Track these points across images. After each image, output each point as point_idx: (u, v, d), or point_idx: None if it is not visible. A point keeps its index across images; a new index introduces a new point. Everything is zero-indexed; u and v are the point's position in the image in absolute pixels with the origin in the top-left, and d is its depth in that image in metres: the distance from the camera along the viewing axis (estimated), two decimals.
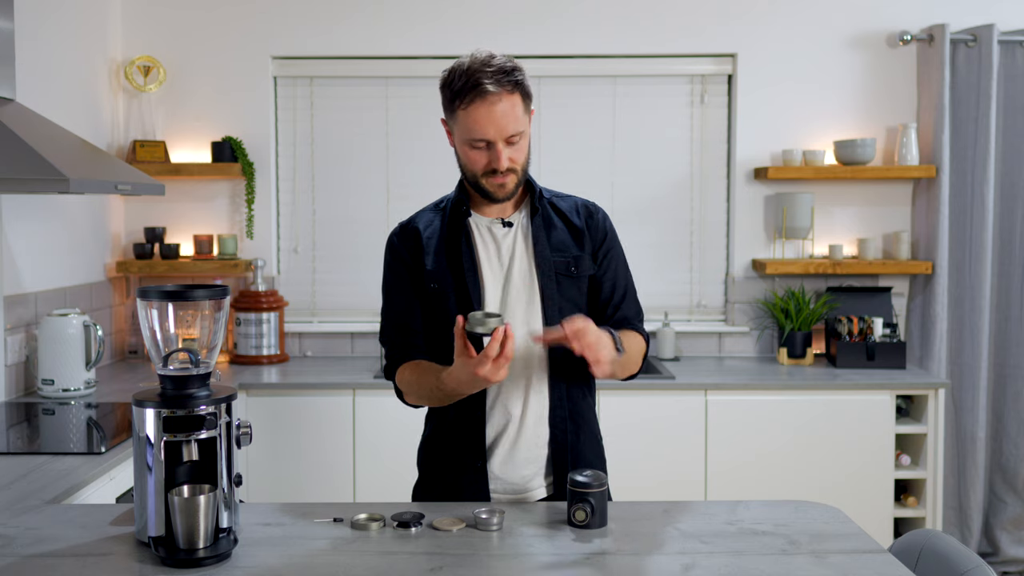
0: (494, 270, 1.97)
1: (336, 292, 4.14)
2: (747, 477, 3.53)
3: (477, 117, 1.84)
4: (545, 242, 1.99)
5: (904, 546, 1.77)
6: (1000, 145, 3.96)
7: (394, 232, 2.07)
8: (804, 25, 4.01)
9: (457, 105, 1.86)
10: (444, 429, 2.02)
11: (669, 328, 3.99)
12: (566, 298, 1.98)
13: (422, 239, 2.01)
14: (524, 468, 1.97)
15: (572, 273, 2.00)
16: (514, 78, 1.85)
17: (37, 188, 2.53)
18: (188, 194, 4.07)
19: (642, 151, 4.10)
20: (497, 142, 1.86)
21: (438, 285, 1.97)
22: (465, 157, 1.92)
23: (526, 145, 1.93)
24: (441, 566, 1.55)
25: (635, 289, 2.12)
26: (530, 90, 1.91)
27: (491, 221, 2.00)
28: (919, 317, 4.04)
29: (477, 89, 1.82)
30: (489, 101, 1.83)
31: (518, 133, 1.87)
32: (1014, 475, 3.95)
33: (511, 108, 1.85)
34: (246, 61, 4.03)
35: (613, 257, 2.07)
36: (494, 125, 1.84)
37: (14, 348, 3.16)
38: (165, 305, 1.63)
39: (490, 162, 1.89)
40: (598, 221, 2.08)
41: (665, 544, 1.66)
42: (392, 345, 2.02)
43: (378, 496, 3.43)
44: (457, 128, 1.90)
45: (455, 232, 1.99)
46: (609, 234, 2.08)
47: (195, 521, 1.55)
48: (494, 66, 1.84)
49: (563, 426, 1.98)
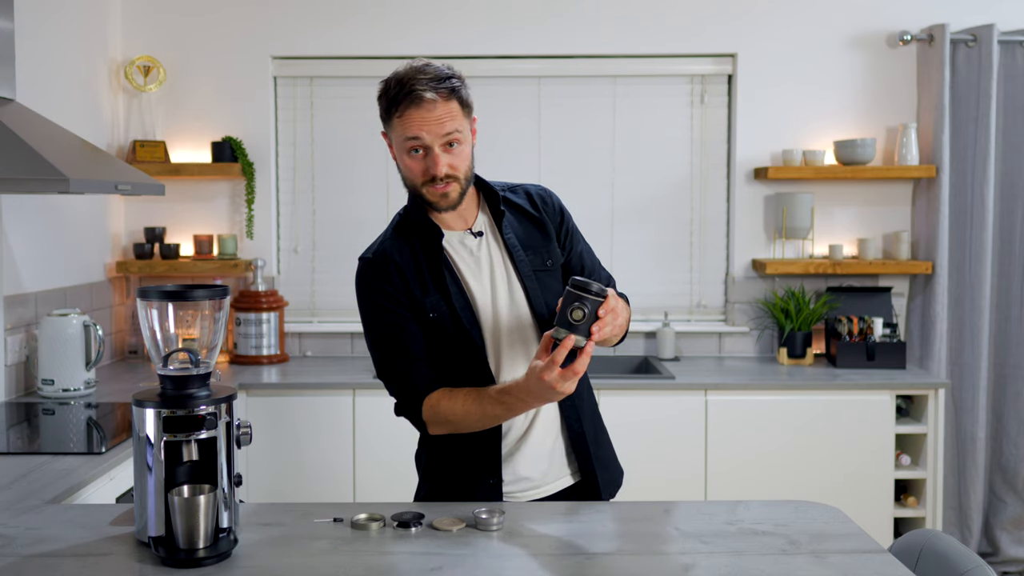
0: (481, 284, 1.94)
1: (336, 292, 4.14)
2: (747, 477, 3.53)
3: (412, 120, 1.81)
4: (517, 243, 1.97)
5: (904, 546, 1.77)
6: (1000, 145, 3.96)
7: (363, 267, 1.97)
8: (804, 25, 4.01)
9: (393, 112, 1.83)
10: (453, 448, 1.98)
11: (669, 328, 3.99)
12: (549, 293, 1.97)
13: (403, 270, 1.92)
14: (541, 463, 1.97)
15: (549, 267, 2.00)
16: (449, 85, 1.82)
17: (37, 188, 2.53)
18: (188, 194, 4.07)
19: (642, 151, 4.10)
20: (433, 146, 1.82)
21: (436, 314, 1.91)
22: (404, 166, 1.88)
23: (467, 152, 1.88)
24: (441, 566, 1.55)
25: (597, 256, 2.15)
26: (469, 100, 1.86)
27: (462, 234, 1.96)
28: (919, 317, 4.04)
29: (411, 95, 1.79)
30: (425, 107, 1.80)
31: (455, 137, 1.83)
32: (1014, 475, 3.95)
33: (446, 111, 1.81)
34: (246, 61, 4.02)
35: (573, 235, 2.08)
36: (427, 127, 1.81)
37: (14, 348, 3.16)
38: (165, 305, 1.63)
39: (427, 168, 1.84)
40: (552, 205, 2.06)
41: (665, 544, 1.66)
42: (400, 379, 1.93)
43: (378, 496, 3.43)
44: (394, 136, 1.86)
45: (433, 256, 1.93)
46: (564, 213, 2.07)
47: (195, 521, 1.55)
48: (429, 73, 1.81)
49: (575, 415, 1.99)
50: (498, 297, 1.95)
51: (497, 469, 1.94)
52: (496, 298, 1.95)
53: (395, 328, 1.92)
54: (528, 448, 1.96)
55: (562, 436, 2.00)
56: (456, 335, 1.91)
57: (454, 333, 1.91)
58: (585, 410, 2.03)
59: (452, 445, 1.97)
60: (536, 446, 1.97)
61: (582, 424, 2.00)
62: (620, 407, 3.47)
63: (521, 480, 1.97)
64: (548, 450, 1.98)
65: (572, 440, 2.00)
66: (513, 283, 1.96)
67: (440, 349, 1.94)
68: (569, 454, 2.01)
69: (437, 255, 1.93)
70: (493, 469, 1.94)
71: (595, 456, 2.02)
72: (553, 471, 2.00)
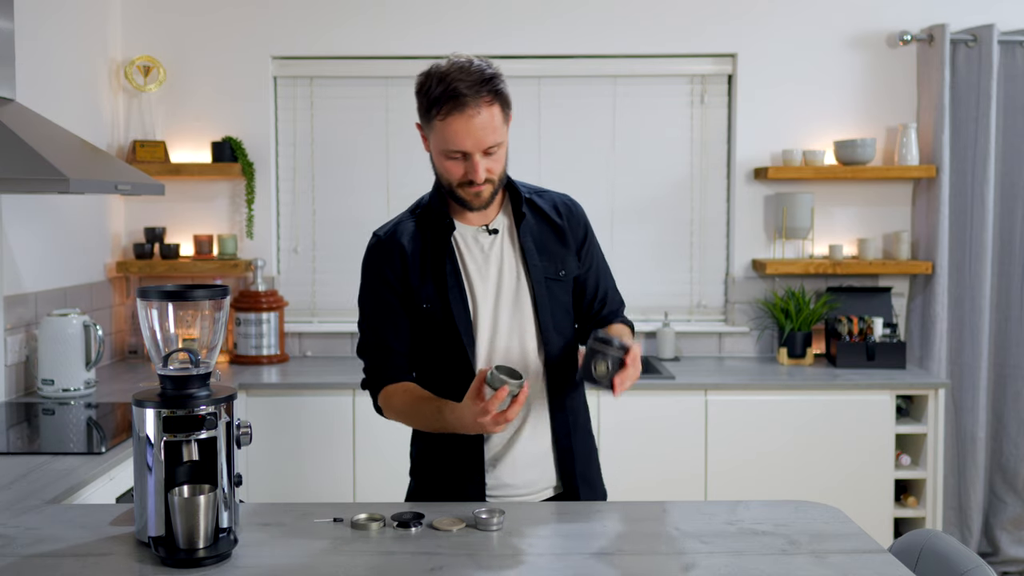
0: (485, 282, 1.94)
1: (336, 292, 4.14)
2: (747, 477, 3.54)
3: (455, 129, 1.79)
4: (533, 248, 1.96)
5: (904, 546, 1.77)
6: (1000, 145, 3.96)
7: (373, 244, 1.99)
8: (804, 25, 4.01)
9: (434, 114, 1.80)
10: (439, 445, 1.99)
11: (669, 328, 3.99)
12: (556, 303, 1.96)
13: (407, 256, 1.93)
14: (526, 473, 1.97)
15: (560, 276, 1.97)
16: (493, 87, 1.80)
17: (37, 188, 2.53)
18: (188, 194, 4.07)
19: (642, 151, 4.10)
20: (474, 154, 1.81)
21: (430, 305, 1.92)
22: (441, 167, 1.87)
23: (503, 155, 1.88)
24: (441, 566, 1.55)
25: (614, 278, 2.12)
26: (509, 97, 1.85)
27: (476, 230, 1.95)
28: (919, 317, 4.04)
29: (455, 100, 1.77)
30: (467, 114, 1.77)
31: (496, 144, 1.82)
32: (1014, 475, 3.95)
33: (489, 120, 1.79)
34: (246, 61, 4.03)
35: (594, 253, 2.06)
36: (471, 138, 1.79)
37: (14, 348, 3.16)
38: (165, 305, 1.63)
39: (466, 173, 1.84)
40: (578, 218, 2.05)
41: (665, 544, 1.66)
42: (372, 363, 1.99)
43: (378, 496, 3.43)
44: (433, 137, 1.84)
45: (440, 247, 1.94)
46: (589, 230, 2.06)
47: (195, 521, 1.54)
48: (473, 74, 1.78)
49: (565, 430, 1.98)
50: (502, 298, 1.94)
51: (480, 471, 1.94)
52: (500, 299, 1.94)
53: (382, 314, 1.96)
54: (513, 457, 1.95)
55: (552, 450, 1.98)
56: (445, 329, 1.91)
57: (443, 327, 1.91)
58: (579, 426, 2.02)
59: (439, 444, 1.98)
60: (522, 454, 1.96)
61: (571, 440, 1.99)
62: (620, 407, 3.47)
63: (504, 486, 1.97)
64: (534, 460, 1.97)
65: (559, 455, 1.98)
66: (522, 286, 1.95)
67: (430, 340, 1.95)
68: (556, 468, 1.99)
69: (444, 247, 1.93)
70: (476, 471, 1.94)
71: (580, 474, 2.01)
72: (538, 482, 1.98)
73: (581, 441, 2.02)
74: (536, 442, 1.97)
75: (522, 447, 1.96)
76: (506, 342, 1.93)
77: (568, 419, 1.99)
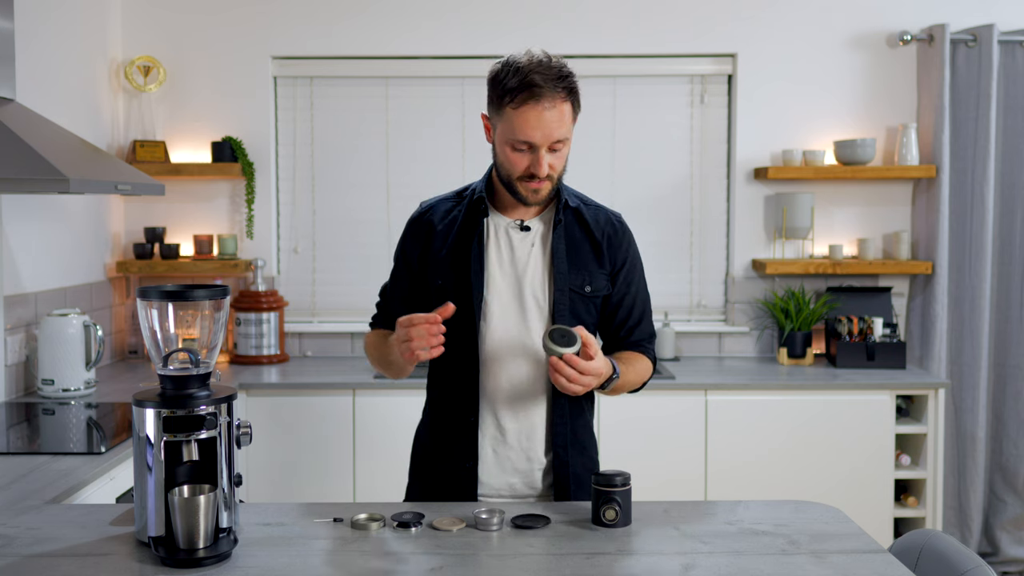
0: (506, 277, 1.93)
1: (336, 292, 4.14)
2: (747, 477, 3.54)
3: (527, 119, 1.79)
4: (563, 255, 1.93)
5: (904, 546, 1.77)
6: (1000, 145, 3.96)
7: (412, 218, 2.05)
8: (804, 25, 4.01)
9: (507, 102, 1.81)
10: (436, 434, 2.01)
11: (669, 328, 3.99)
12: (577, 317, 1.94)
13: (434, 233, 1.98)
14: (512, 476, 1.97)
15: (586, 292, 1.95)
16: (569, 84, 1.82)
17: (37, 188, 2.53)
18: (188, 194, 4.07)
19: (642, 151, 4.10)
20: (541, 147, 1.82)
21: (443, 282, 1.94)
22: (504, 157, 1.87)
23: (566, 154, 1.89)
24: (441, 566, 1.55)
25: (651, 310, 2.07)
26: (580, 99, 1.86)
27: (509, 223, 1.95)
28: (919, 317, 4.04)
29: (530, 90, 1.78)
30: (541, 106, 1.79)
31: (561, 140, 1.83)
32: (1014, 475, 3.95)
33: (560, 116, 1.81)
34: (246, 61, 4.02)
35: (633, 280, 2.02)
36: (541, 130, 1.80)
37: (14, 348, 3.16)
38: (165, 305, 1.63)
39: (530, 166, 1.84)
40: (622, 241, 2.01)
41: (665, 544, 1.66)
42: (378, 309, 2.10)
43: (378, 496, 3.43)
44: (502, 125, 1.85)
45: (469, 231, 1.95)
46: (631, 255, 2.01)
47: (195, 521, 1.55)
48: (552, 69, 1.80)
49: (563, 442, 1.96)
50: (520, 295, 1.93)
51: (473, 454, 1.94)
52: (519, 295, 1.93)
53: (397, 279, 2.06)
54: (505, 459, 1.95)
55: (546, 459, 1.97)
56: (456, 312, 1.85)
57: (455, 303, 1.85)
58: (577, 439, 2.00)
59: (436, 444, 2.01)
60: (516, 461, 1.96)
61: (568, 453, 1.97)
62: (620, 407, 3.47)
63: (496, 489, 1.97)
64: (529, 467, 1.96)
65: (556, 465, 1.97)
66: (544, 290, 1.93)
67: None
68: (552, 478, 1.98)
69: (474, 230, 1.95)
70: (470, 455, 1.95)
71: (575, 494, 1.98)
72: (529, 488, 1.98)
73: (578, 453, 2.00)
74: (524, 449, 1.96)
75: (510, 450, 1.95)
76: (513, 340, 1.93)
77: (567, 430, 1.97)
